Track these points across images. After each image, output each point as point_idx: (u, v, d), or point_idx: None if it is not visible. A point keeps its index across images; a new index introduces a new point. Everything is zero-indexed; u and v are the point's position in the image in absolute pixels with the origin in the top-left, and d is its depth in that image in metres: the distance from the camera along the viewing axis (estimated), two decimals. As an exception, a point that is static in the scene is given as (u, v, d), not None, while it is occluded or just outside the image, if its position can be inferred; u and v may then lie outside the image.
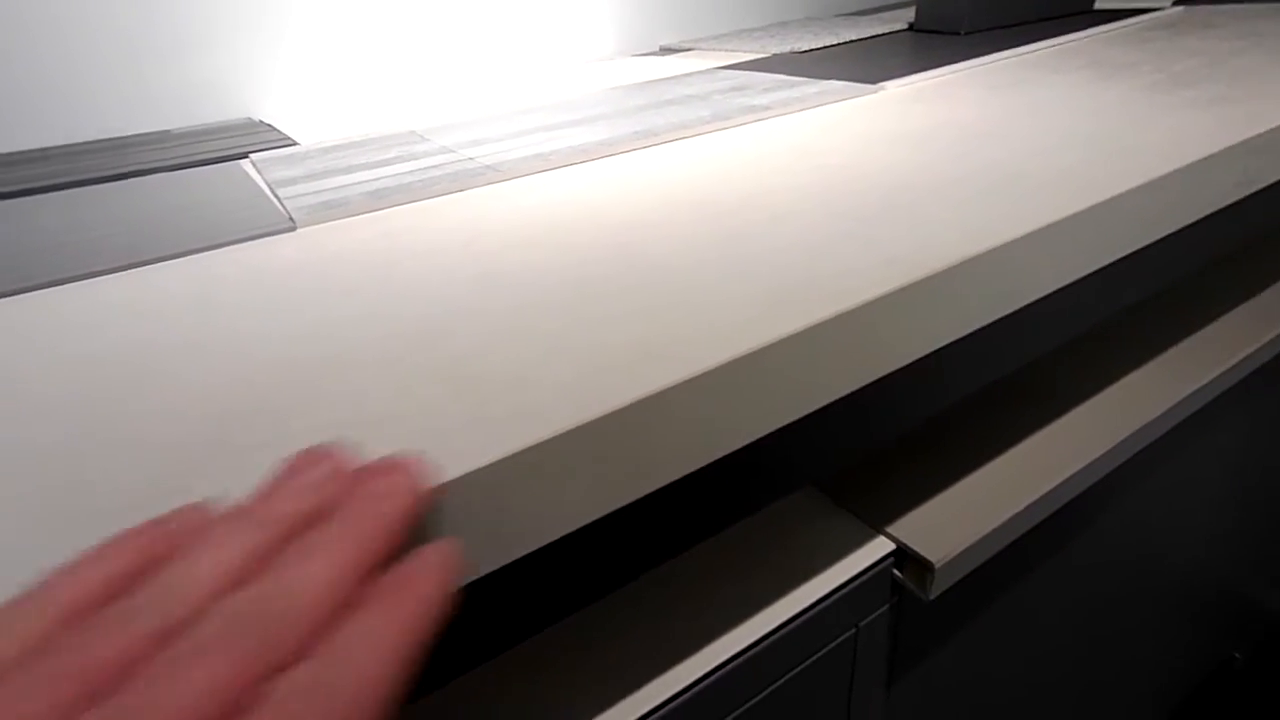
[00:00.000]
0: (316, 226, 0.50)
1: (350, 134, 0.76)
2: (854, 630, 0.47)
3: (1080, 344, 0.63)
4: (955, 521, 0.47)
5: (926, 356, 0.38)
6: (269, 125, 0.86)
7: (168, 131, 0.87)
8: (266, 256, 0.47)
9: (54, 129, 0.85)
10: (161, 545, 0.19)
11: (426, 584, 0.18)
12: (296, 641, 0.16)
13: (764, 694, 0.44)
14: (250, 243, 0.49)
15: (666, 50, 1.22)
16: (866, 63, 0.85)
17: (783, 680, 0.45)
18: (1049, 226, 0.39)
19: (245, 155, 0.70)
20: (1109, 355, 0.62)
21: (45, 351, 0.36)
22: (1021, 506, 0.47)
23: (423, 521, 0.22)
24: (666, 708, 0.39)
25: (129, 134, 0.87)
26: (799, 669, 0.45)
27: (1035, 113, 0.59)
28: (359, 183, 0.57)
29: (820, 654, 0.46)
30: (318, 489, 0.20)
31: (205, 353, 0.35)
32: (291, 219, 0.51)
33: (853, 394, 0.35)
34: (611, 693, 0.39)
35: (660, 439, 0.29)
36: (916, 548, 0.45)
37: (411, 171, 0.58)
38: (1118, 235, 0.44)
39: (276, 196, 0.56)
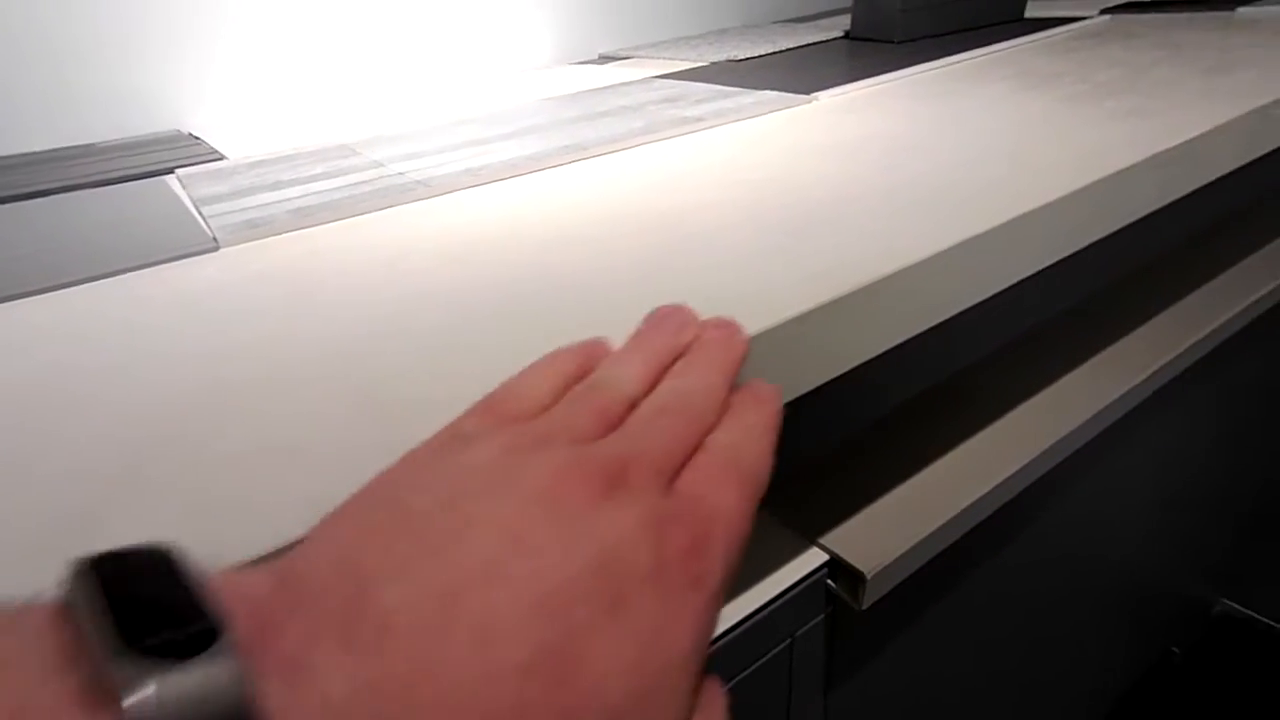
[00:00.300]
0: (240, 246, 0.49)
1: (280, 148, 0.75)
2: (789, 641, 0.47)
3: (1008, 351, 0.65)
4: (887, 530, 0.47)
5: (852, 370, 0.38)
6: (196, 138, 0.84)
7: (92, 145, 0.84)
8: (190, 277, 0.45)
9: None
10: (587, 360, 0.26)
11: (773, 396, 0.26)
12: (708, 420, 0.23)
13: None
14: (174, 263, 0.47)
15: (605, 58, 1.22)
16: (801, 72, 0.86)
17: (727, 688, 0.45)
18: (972, 240, 0.40)
19: (171, 170, 0.68)
20: (1037, 361, 0.63)
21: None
22: (953, 513, 0.48)
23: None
24: None
25: (52, 147, 0.84)
26: (735, 680, 0.45)
27: (962, 124, 0.60)
28: (285, 200, 0.56)
29: (756, 665, 0.46)
30: (679, 331, 0.27)
31: (125, 376, 0.34)
32: (215, 238, 0.49)
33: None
34: None
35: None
36: (848, 558, 0.46)
37: (340, 188, 0.57)
38: (1039, 247, 0.45)
39: (201, 214, 0.55)
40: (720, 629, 0.43)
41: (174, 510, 0.25)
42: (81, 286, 0.45)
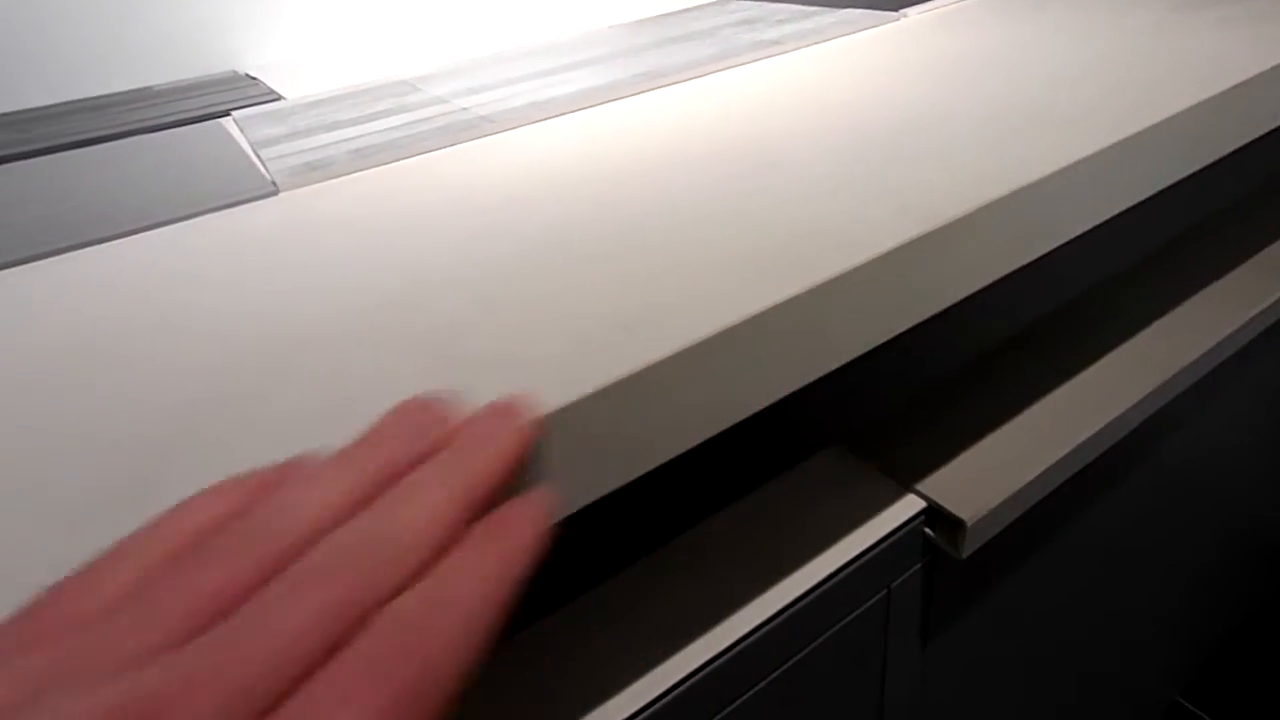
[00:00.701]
0: (299, 190, 0.47)
1: (338, 86, 0.72)
2: (885, 591, 0.44)
3: (1112, 287, 0.59)
4: (987, 477, 0.44)
5: (946, 309, 0.34)
6: (253, 79, 0.82)
7: (148, 88, 0.83)
8: (247, 224, 0.43)
9: (29, 90, 0.81)
10: (266, 489, 0.19)
11: (525, 527, 0.18)
12: (400, 575, 0.16)
13: (797, 658, 0.42)
14: (230, 210, 0.45)
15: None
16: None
17: (816, 643, 0.42)
18: (1074, 165, 0.35)
19: (227, 113, 0.66)
20: (1142, 299, 0.58)
21: (10, 335, 0.34)
22: (1054, 460, 0.44)
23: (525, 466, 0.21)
24: (701, 673, 0.37)
25: (108, 93, 0.83)
26: (831, 632, 0.43)
27: (1065, 38, 0.54)
28: (344, 140, 0.53)
29: (853, 616, 0.43)
30: (422, 433, 0.20)
31: (180, 333, 0.32)
32: (273, 182, 0.47)
33: (873, 350, 0.32)
34: (645, 659, 0.37)
35: (653, 417, 0.26)
36: (948, 505, 0.42)
37: (400, 126, 0.54)
38: (1149, 170, 0.40)
39: (259, 158, 0.53)
40: (815, 580, 0.40)
41: (226, 472, 0.23)
42: (137, 236, 0.43)
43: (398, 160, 0.49)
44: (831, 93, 0.50)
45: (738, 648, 0.38)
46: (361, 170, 0.48)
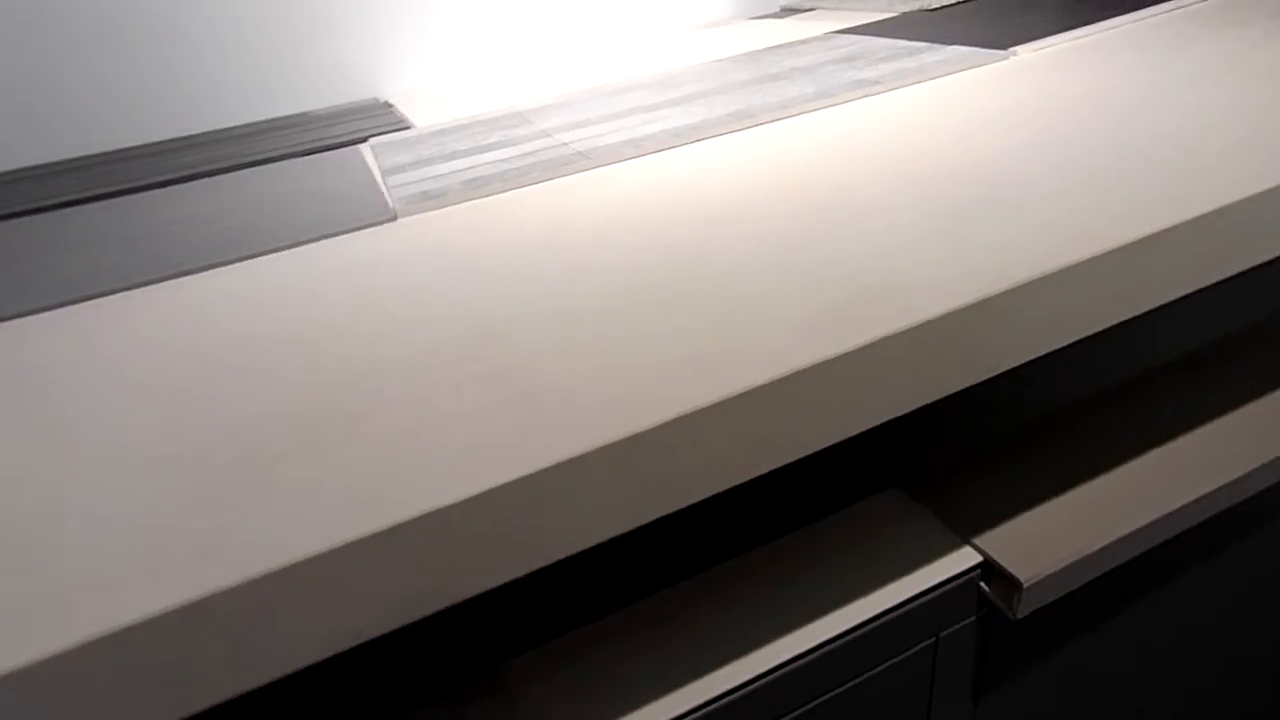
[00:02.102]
0: (415, 216, 0.52)
1: (462, 114, 0.78)
2: (934, 640, 0.45)
3: (1217, 353, 0.56)
4: (1052, 538, 0.43)
5: (1027, 363, 0.35)
6: (389, 106, 0.90)
7: (305, 114, 0.93)
8: (366, 249, 0.49)
9: (211, 114, 0.92)
10: None
11: None
12: None
13: (832, 694, 0.43)
14: (354, 234, 0.51)
15: (787, 11, 1.17)
16: (1003, 22, 0.78)
17: (858, 681, 0.43)
18: (1173, 229, 0.35)
19: (365, 139, 0.74)
20: (1245, 371, 0.54)
21: (152, 348, 0.40)
22: (1126, 531, 0.43)
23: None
24: (741, 692, 0.39)
25: (271, 117, 0.94)
26: (874, 672, 0.44)
27: (1197, 80, 0.52)
28: (458, 171, 0.58)
29: (897, 659, 0.44)
30: None
31: (293, 350, 0.37)
32: (394, 210, 0.53)
33: (937, 401, 0.33)
34: (685, 676, 0.39)
35: (689, 458, 0.29)
36: (1005, 563, 0.42)
37: (509, 158, 0.59)
38: (1265, 235, 0.39)
39: (385, 185, 0.59)
40: (860, 619, 0.41)
41: (319, 492, 0.27)
42: (277, 254, 0.50)
43: (503, 191, 0.54)
44: (925, 136, 0.51)
45: (773, 675, 0.40)
46: (470, 200, 0.53)
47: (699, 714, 0.38)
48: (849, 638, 0.41)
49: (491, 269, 0.42)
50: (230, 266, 0.49)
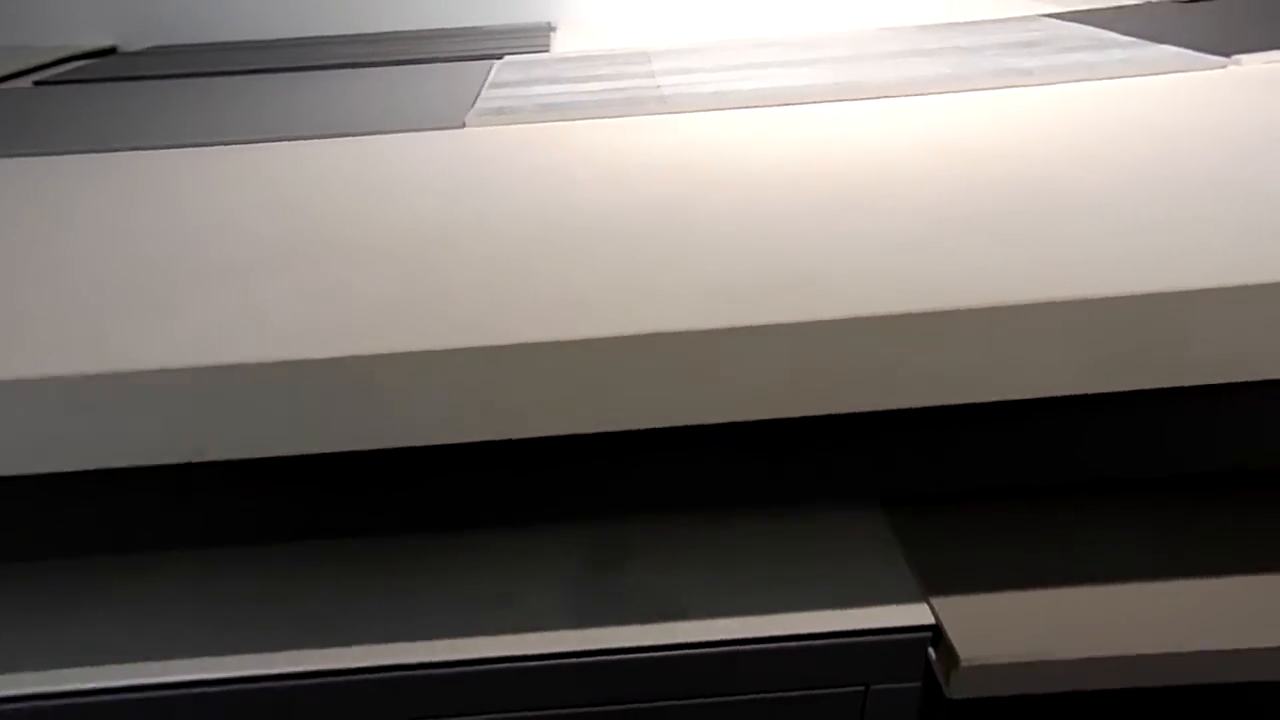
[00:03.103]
0: (479, 129, 0.53)
1: (599, 46, 0.78)
2: (862, 688, 0.40)
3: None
4: (1022, 629, 0.37)
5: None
6: (550, 30, 0.91)
7: (478, 27, 0.96)
8: (425, 147, 0.50)
9: (391, 15, 0.98)
10: None
11: None
12: None
13: (753, 698, 0.40)
14: (421, 133, 0.53)
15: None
16: (1251, 22, 0.65)
17: (770, 696, 0.40)
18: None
19: (501, 56, 0.75)
20: None
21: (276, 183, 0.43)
22: (1103, 654, 0.35)
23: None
24: (665, 652, 0.38)
25: (449, 27, 0.98)
26: (789, 695, 0.40)
27: None
28: (545, 94, 0.58)
29: (819, 693, 0.40)
30: None
31: (347, 207, 0.39)
32: (464, 120, 0.54)
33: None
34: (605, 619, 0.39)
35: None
36: (952, 633, 0.37)
37: (595, 92, 0.58)
38: None
39: (478, 97, 0.60)
40: (780, 630, 0.38)
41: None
42: (342, 139, 0.52)
43: (566, 120, 0.53)
44: (1006, 139, 0.44)
45: (680, 650, 0.38)
46: (535, 123, 0.53)
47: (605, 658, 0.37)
48: (761, 646, 0.38)
49: (494, 183, 0.42)
50: (309, 141, 0.52)
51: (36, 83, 0.78)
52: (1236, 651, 0.35)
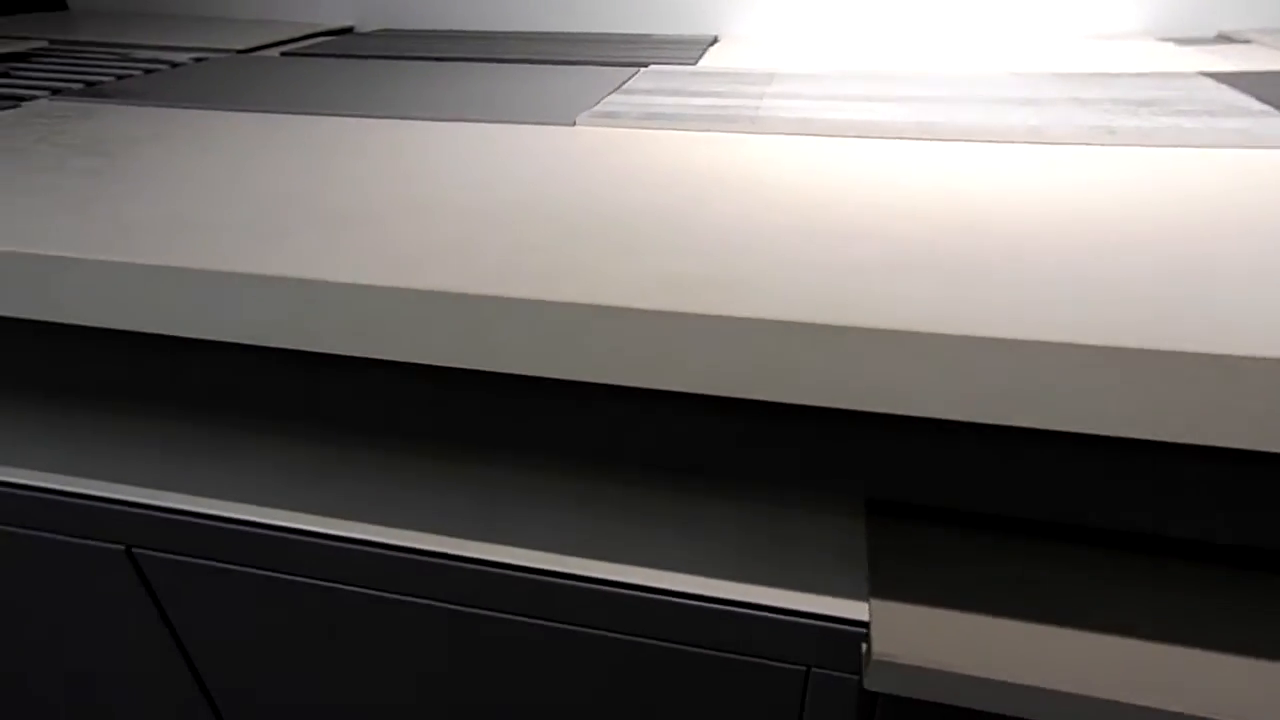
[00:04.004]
0: (585, 128, 0.61)
1: (741, 64, 0.84)
2: (804, 670, 0.45)
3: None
4: (951, 642, 0.40)
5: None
6: (711, 42, 0.98)
7: (648, 35, 1.05)
8: (527, 139, 0.59)
9: (572, 18, 1.09)
10: None
11: None
12: None
13: (704, 652, 0.46)
14: (534, 127, 0.62)
15: (1223, 38, 0.98)
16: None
17: (718, 655, 0.46)
18: None
19: (646, 65, 0.83)
20: None
21: (405, 152, 0.55)
22: (1024, 682, 0.38)
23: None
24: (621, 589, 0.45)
25: (623, 32, 1.08)
26: (739, 658, 0.45)
27: None
28: (653, 104, 0.66)
29: (767, 663, 0.45)
30: None
31: (450, 176, 0.49)
32: (575, 120, 0.62)
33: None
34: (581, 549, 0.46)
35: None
36: (877, 628, 0.41)
37: (698, 106, 0.64)
38: None
39: (600, 101, 0.68)
40: (747, 598, 0.44)
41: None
42: (460, 123, 0.63)
43: (658, 129, 0.60)
44: (1023, 203, 0.46)
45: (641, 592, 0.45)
46: (633, 128, 0.61)
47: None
48: (711, 605, 0.44)
49: (561, 173, 0.50)
50: (448, 123, 0.63)
51: (283, 53, 0.96)
52: (1134, 707, 0.37)
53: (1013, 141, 0.55)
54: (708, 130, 0.60)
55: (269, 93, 0.74)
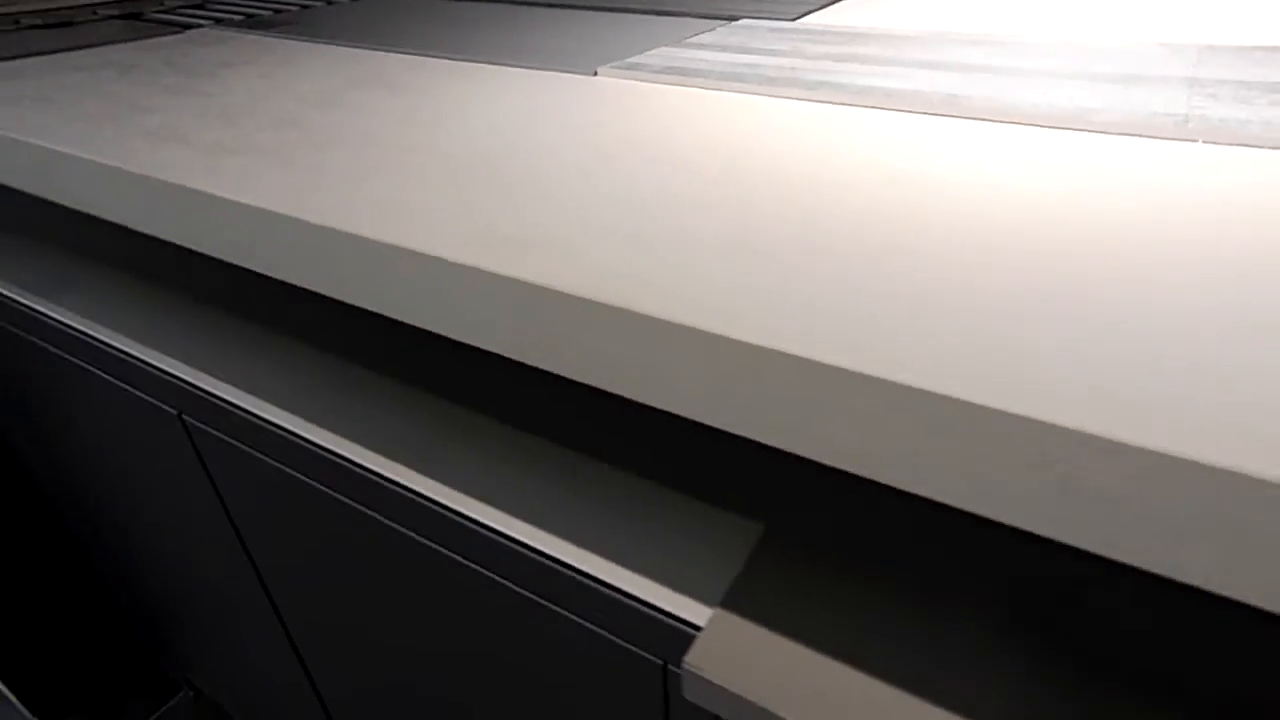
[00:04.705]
0: (605, 79, 0.57)
1: (862, 23, 0.74)
2: (661, 664, 0.41)
3: None
4: (773, 671, 0.34)
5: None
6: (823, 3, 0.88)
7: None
8: (545, 85, 0.55)
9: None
10: None
11: None
12: None
13: (590, 626, 0.43)
14: (555, 73, 0.58)
15: None
16: None
17: (587, 627, 0.43)
18: None
19: (738, 19, 0.76)
20: None
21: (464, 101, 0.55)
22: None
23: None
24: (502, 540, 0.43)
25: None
26: (605, 636, 0.42)
27: None
28: (685, 59, 0.59)
29: (633, 650, 0.42)
30: None
31: (461, 121, 0.48)
32: (596, 70, 0.58)
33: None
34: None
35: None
36: (700, 642, 0.36)
37: (745, 63, 0.57)
38: None
39: (643, 52, 0.63)
40: (612, 578, 0.41)
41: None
42: (491, 65, 0.60)
43: (680, 86, 0.54)
44: (1026, 205, 0.36)
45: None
46: (652, 83, 0.55)
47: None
48: (575, 575, 0.41)
49: (560, 125, 0.47)
50: (480, 65, 0.61)
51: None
52: None
53: (1119, 134, 0.44)
54: (752, 94, 0.52)
55: (351, 28, 0.77)
